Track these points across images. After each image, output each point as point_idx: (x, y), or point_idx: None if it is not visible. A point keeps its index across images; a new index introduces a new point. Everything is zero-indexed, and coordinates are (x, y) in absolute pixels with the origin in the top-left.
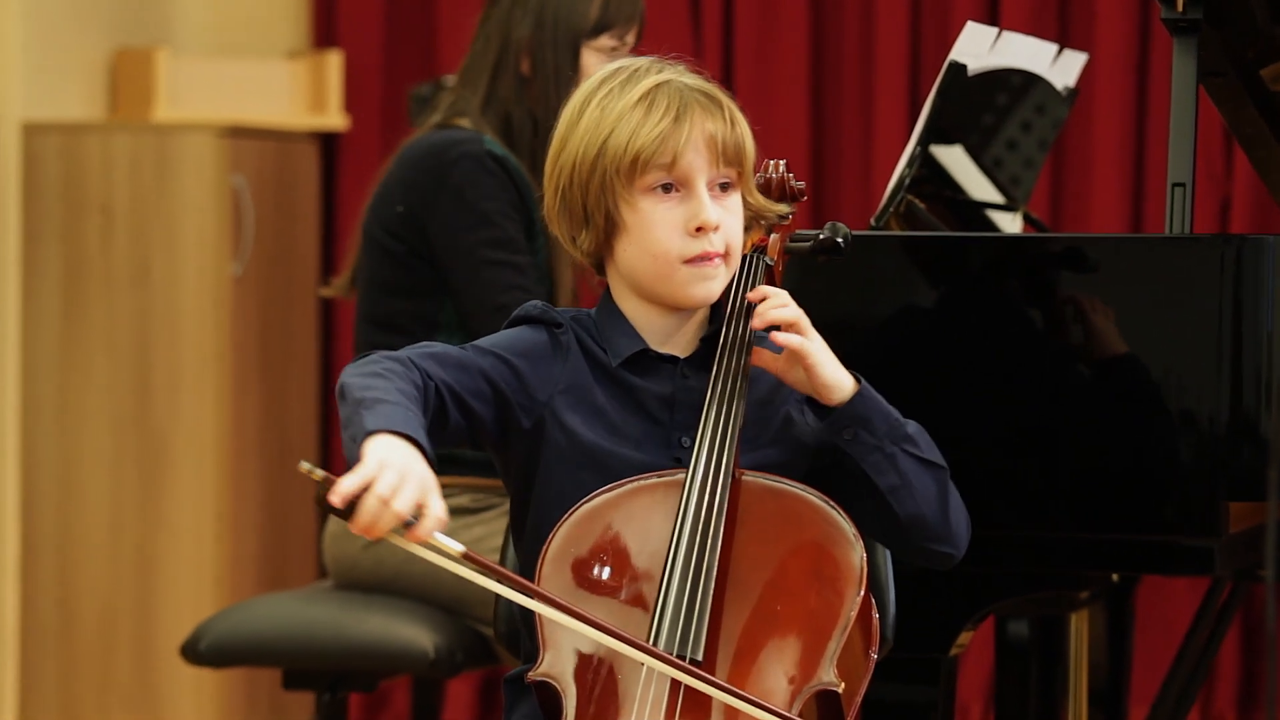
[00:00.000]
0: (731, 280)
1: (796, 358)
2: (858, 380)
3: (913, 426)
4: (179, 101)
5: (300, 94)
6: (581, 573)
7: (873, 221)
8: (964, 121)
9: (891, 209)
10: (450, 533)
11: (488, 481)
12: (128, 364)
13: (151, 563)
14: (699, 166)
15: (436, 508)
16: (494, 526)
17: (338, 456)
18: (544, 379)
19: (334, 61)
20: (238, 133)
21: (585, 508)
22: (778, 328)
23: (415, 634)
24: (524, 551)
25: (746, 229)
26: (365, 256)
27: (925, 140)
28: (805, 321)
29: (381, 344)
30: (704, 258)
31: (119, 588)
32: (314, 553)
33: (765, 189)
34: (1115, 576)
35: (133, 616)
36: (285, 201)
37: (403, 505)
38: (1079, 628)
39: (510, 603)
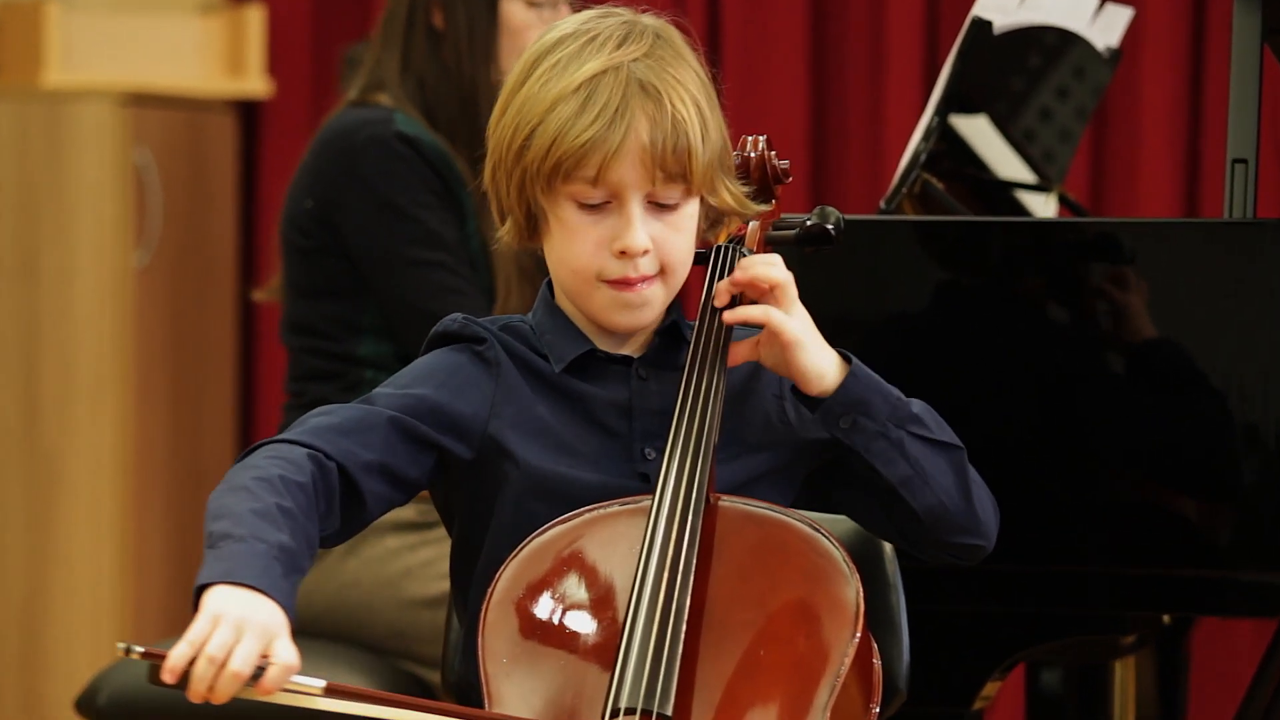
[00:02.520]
0: (706, 275)
1: (773, 337)
2: (846, 360)
3: (918, 405)
4: (72, 64)
5: (215, 55)
6: (530, 620)
7: (883, 204)
8: (989, 87)
9: (904, 190)
10: (394, 554)
11: None
12: (12, 371)
13: (41, 602)
14: (631, 182)
15: (284, 654)
16: (444, 548)
17: None
18: (474, 404)
19: (254, 17)
20: (141, 100)
21: (534, 544)
22: (745, 302)
23: (347, 682)
24: (471, 599)
25: (716, 227)
26: (282, 258)
27: (944, 109)
28: (791, 290)
29: (302, 350)
30: (625, 283)
31: (2, 632)
32: None
33: (743, 172)
34: (1166, 618)
35: (18, 665)
36: (198, 181)
37: (240, 664)
38: (1124, 678)
39: (462, 644)
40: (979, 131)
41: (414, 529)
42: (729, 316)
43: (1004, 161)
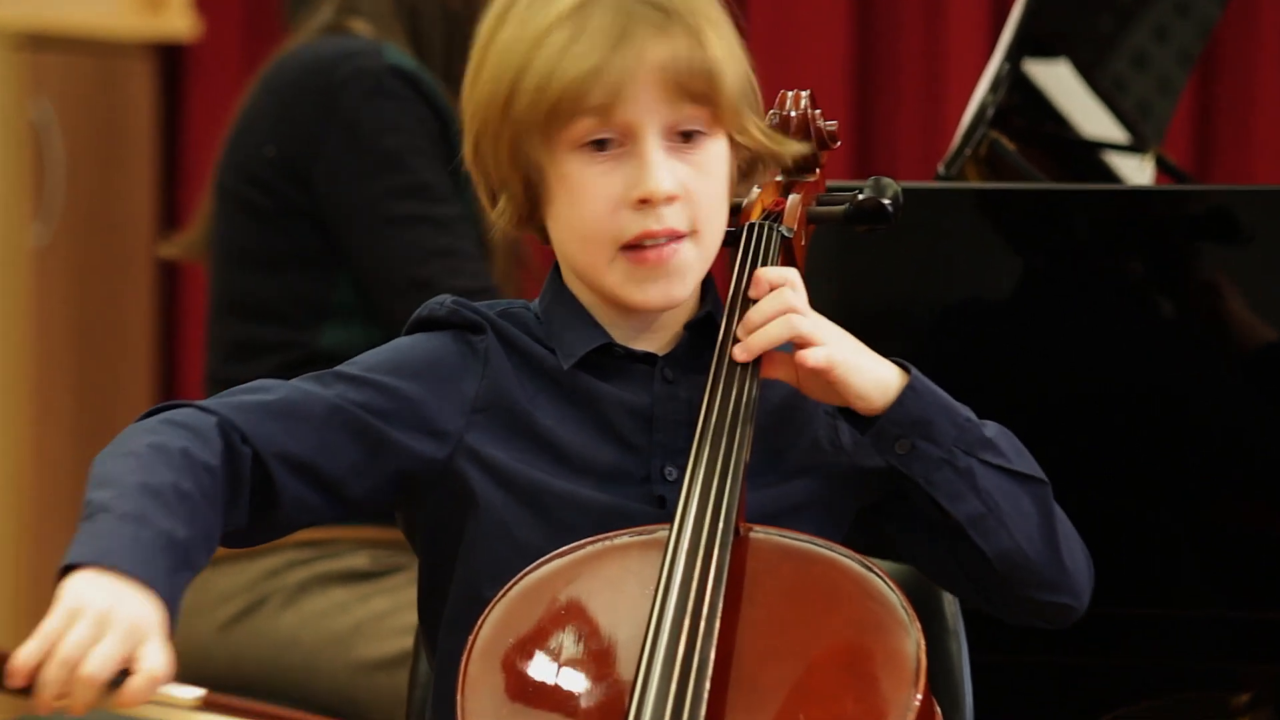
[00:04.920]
0: (736, 259)
1: (818, 373)
2: (905, 370)
3: (992, 428)
4: None
5: None
6: (520, 677)
7: (941, 169)
8: (1071, 27)
9: (968, 151)
10: (341, 608)
11: (391, 534)
12: None
13: None
14: (646, 108)
15: (153, 659)
16: (402, 598)
17: None
18: (452, 402)
19: None
20: (40, 43)
21: (525, 582)
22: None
23: None
24: (442, 646)
25: (748, 180)
26: (222, 220)
27: (1016, 55)
28: (819, 330)
29: (246, 340)
30: (648, 238)
31: None
32: None
33: (782, 132)
34: None
35: None
36: (108, 139)
37: (96, 667)
38: None
39: (431, 702)
40: (1059, 81)
41: (365, 579)
42: (741, 354)
43: (1089, 117)
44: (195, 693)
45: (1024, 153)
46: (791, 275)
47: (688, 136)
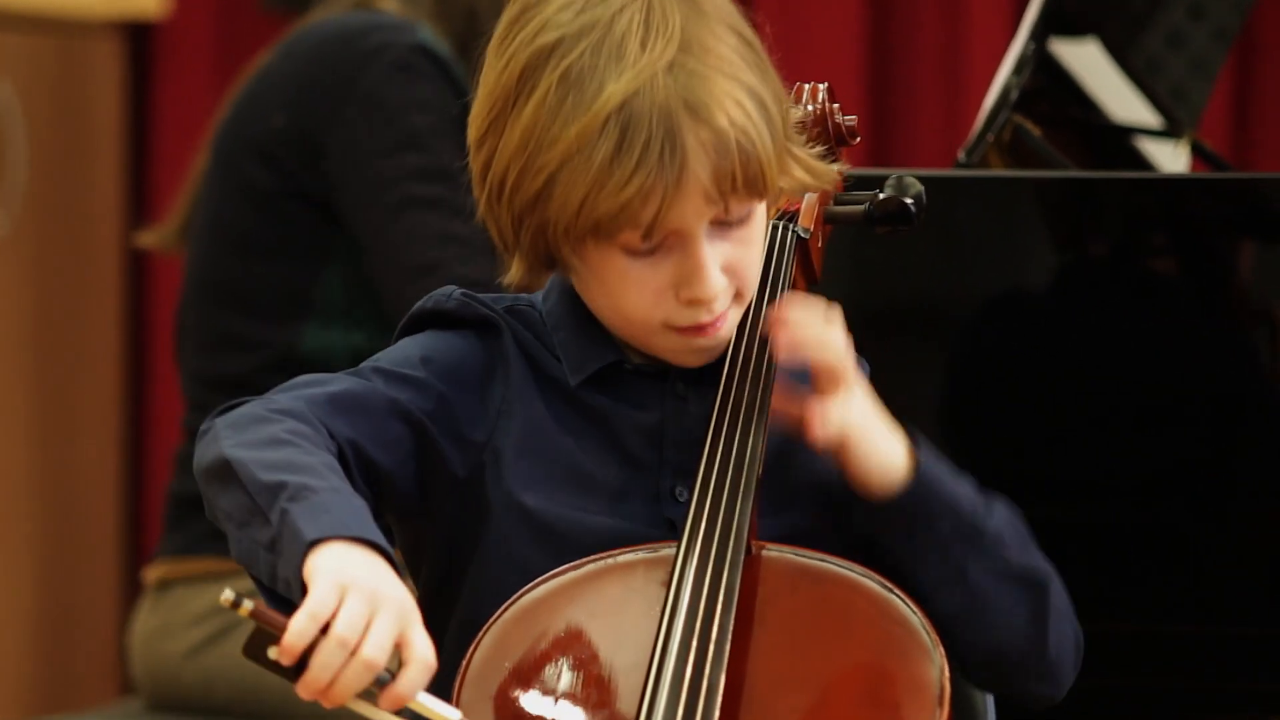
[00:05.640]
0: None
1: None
2: (913, 448)
3: (999, 517)
4: None
5: None
6: (515, 706)
7: (962, 156)
8: (1101, 4)
9: (991, 137)
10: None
11: None
12: None
13: None
14: (695, 216)
15: (421, 647)
16: None
17: (153, 509)
18: (481, 408)
19: None
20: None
21: (524, 601)
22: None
23: None
24: (439, 668)
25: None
26: (213, 195)
27: (1041, 33)
28: (848, 373)
29: (222, 329)
30: (697, 330)
31: None
32: (114, 655)
33: (803, 132)
34: None
35: None
36: (73, 123)
37: (376, 650)
38: None
39: None
40: (1088, 61)
41: None
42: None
43: (1120, 100)
44: (454, 714)
45: (1050, 138)
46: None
47: (730, 223)
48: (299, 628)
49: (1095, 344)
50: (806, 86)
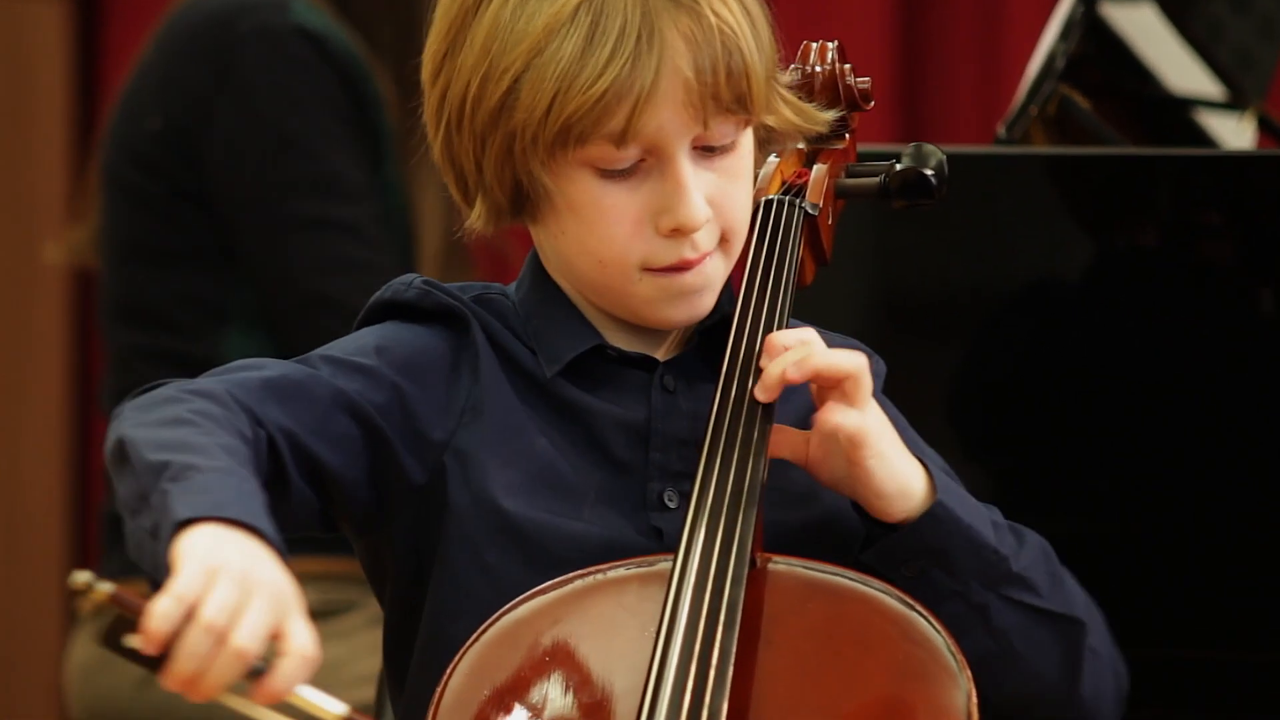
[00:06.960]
0: (753, 241)
1: (833, 435)
2: (930, 476)
3: (1030, 554)
4: None
5: None
6: None
7: (1002, 131)
8: None
9: (1034, 110)
10: None
11: (345, 565)
12: None
13: None
14: (674, 130)
15: (300, 638)
16: (357, 643)
17: (94, 530)
18: (442, 405)
19: None
20: None
21: (505, 621)
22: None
23: None
24: (407, 696)
25: (764, 147)
26: (106, 204)
27: None
28: (865, 383)
29: (137, 349)
30: (681, 267)
31: None
32: (54, 689)
33: (806, 94)
34: None
35: None
36: (14, 94)
37: (248, 638)
38: None
39: None
40: (1142, 26)
41: (314, 619)
42: (760, 393)
43: (1178, 69)
44: (339, 708)
45: (1100, 111)
46: (810, 335)
47: (714, 149)
48: (162, 611)
49: (1146, 339)
50: (814, 45)
